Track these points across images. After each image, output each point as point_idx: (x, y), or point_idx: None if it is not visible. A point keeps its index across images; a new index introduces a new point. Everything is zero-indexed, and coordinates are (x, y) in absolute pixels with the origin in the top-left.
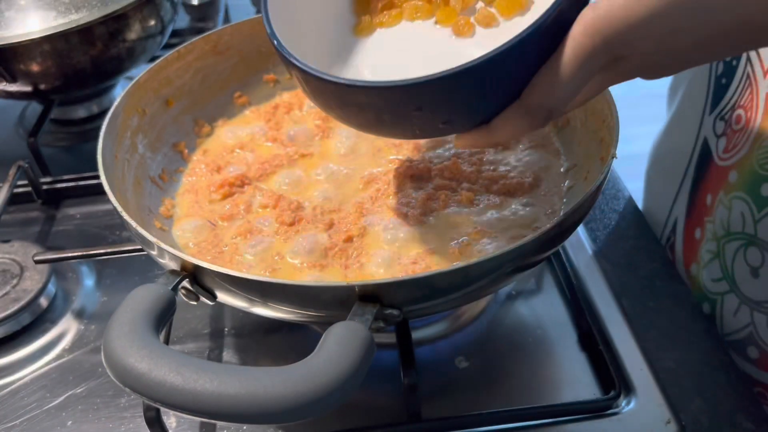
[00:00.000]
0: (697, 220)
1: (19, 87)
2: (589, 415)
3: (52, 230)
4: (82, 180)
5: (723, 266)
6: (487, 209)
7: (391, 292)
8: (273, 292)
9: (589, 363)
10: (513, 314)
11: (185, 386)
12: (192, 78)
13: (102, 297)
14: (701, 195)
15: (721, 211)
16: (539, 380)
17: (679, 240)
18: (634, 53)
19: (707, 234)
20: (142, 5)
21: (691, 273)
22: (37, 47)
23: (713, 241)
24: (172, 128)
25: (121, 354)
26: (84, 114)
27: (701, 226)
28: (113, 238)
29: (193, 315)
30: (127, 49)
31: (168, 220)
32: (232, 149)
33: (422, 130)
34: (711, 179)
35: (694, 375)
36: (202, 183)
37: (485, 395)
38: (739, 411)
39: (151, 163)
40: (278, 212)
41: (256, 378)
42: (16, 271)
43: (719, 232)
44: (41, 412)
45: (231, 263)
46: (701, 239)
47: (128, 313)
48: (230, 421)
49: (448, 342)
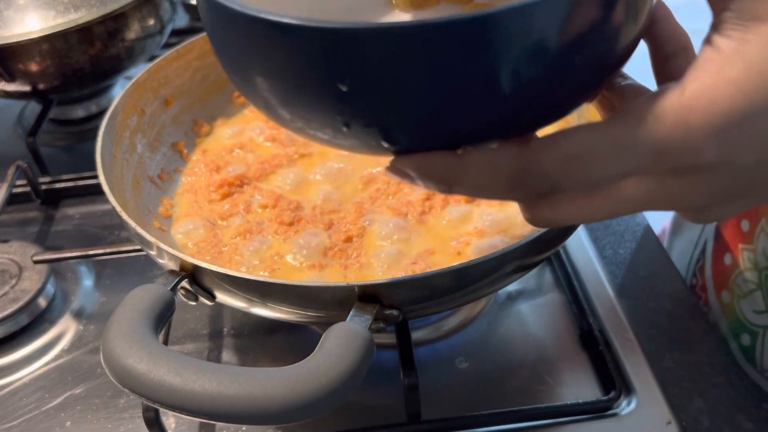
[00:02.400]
0: (726, 246)
1: (18, 86)
2: (589, 416)
3: (51, 230)
4: (80, 180)
5: (767, 298)
6: (488, 209)
7: (391, 293)
8: (272, 292)
9: (590, 363)
10: (513, 314)
11: (184, 387)
12: (191, 77)
13: (101, 297)
14: (733, 219)
15: (764, 240)
16: (539, 381)
17: (708, 263)
18: (735, 161)
19: (745, 263)
20: (141, 5)
21: (723, 300)
22: (35, 47)
23: (754, 271)
24: (171, 128)
25: (120, 354)
26: (83, 114)
27: (731, 252)
28: (112, 238)
29: (192, 315)
30: (126, 48)
31: (167, 220)
32: (232, 149)
33: (348, 130)
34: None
35: (694, 375)
36: (201, 183)
37: (485, 396)
38: (739, 411)
39: (150, 162)
40: (278, 212)
41: (256, 378)
42: (15, 271)
43: (762, 263)
44: (40, 413)
45: (230, 263)
46: (732, 266)
47: (127, 313)
48: (229, 422)
49: (448, 342)
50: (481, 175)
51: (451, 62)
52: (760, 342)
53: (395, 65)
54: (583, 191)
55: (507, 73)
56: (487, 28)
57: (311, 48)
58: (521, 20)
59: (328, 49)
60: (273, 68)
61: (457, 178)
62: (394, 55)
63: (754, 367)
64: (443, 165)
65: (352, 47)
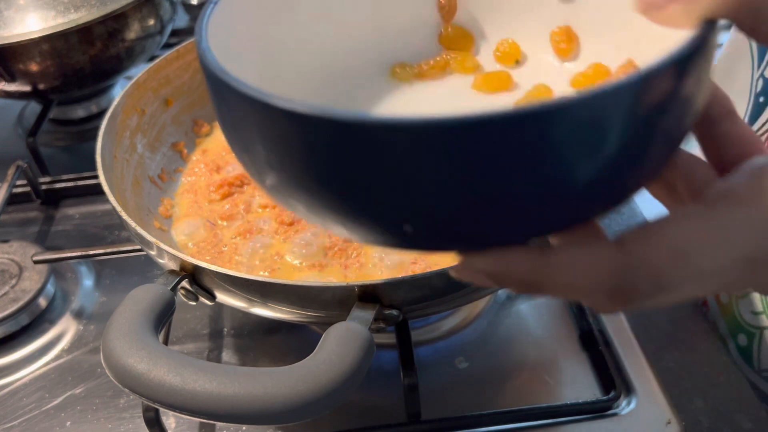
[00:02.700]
0: None
1: (18, 87)
2: (589, 416)
3: (51, 230)
4: (81, 180)
5: (764, 300)
6: None
7: (391, 293)
8: (272, 292)
9: (590, 363)
10: (513, 314)
11: (184, 387)
12: (191, 77)
13: (101, 297)
14: None
15: None
16: (539, 380)
17: None
18: None
19: None
20: (141, 5)
21: (722, 300)
22: (36, 47)
23: None
24: (172, 128)
25: (120, 354)
26: (83, 114)
27: None
28: (112, 238)
29: (192, 315)
30: (126, 48)
31: (167, 220)
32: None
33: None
34: None
35: (694, 375)
36: (201, 183)
37: (485, 396)
38: (739, 411)
39: (150, 162)
40: (278, 212)
41: (256, 378)
42: (15, 271)
43: None
44: (40, 413)
45: (230, 263)
46: None
47: (127, 313)
48: (229, 422)
49: (448, 342)
50: (576, 276)
51: (535, 156)
52: (757, 342)
53: (475, 162)
54: (690, 285)
55: (589, 160)
56: (572, 116)
57: (395, 149)
58: (606, 106)
59: (413, 150)
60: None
61: (545, 280)
62: (477, 150)
63: (752, 368)
64: (528, 265)
65: (436, 146)
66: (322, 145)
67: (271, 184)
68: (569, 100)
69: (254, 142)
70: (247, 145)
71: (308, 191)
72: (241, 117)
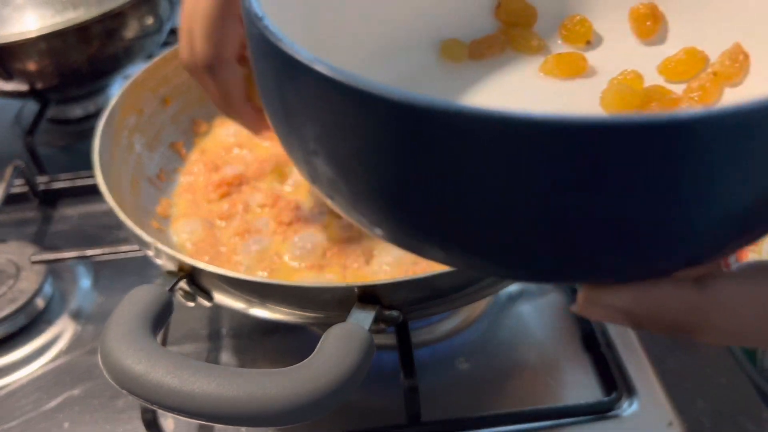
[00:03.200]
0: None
1: (16, 86)
2: (591, 417)
3: (49, 230)
4: (78, 180)
5: None
6: None
7: (391, 293)
8: (271, 293)
9: (592, 364)
10: (514, 315)
11: (183, 388)
12: (190, 77)
13: (99, 298)
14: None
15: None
16: (541, 382)
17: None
18: None
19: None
20: (140, 3)
21: None
22: (33, 46)
23: None
24: (170, 127)
25: (118, 355)
26: (81, 113)
27: (736, 254)
28: (110, 238)
29: (190, 316)
30: (125, 47)
31: (165, 220)
32: (230, 148)
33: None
34: None
35: (696, 377)
36: (199, 182)
37: (486, 397)
38: (741, 413)
39: (149, 162)
40: (276, 212)
41: (255, 380)
42: (13, 271)
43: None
44: (38, 414)
45: (229, 264)
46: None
47: (125, 314)
48: (228, 424)
49: (448, 343)
50: (743, 316)
51: (731, 167)
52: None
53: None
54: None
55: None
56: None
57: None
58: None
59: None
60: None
61: (705, 323)
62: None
63: (755, 368)
64: (685, 305)
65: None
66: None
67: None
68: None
69: (352, 139)
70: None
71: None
72: (330, 109)
